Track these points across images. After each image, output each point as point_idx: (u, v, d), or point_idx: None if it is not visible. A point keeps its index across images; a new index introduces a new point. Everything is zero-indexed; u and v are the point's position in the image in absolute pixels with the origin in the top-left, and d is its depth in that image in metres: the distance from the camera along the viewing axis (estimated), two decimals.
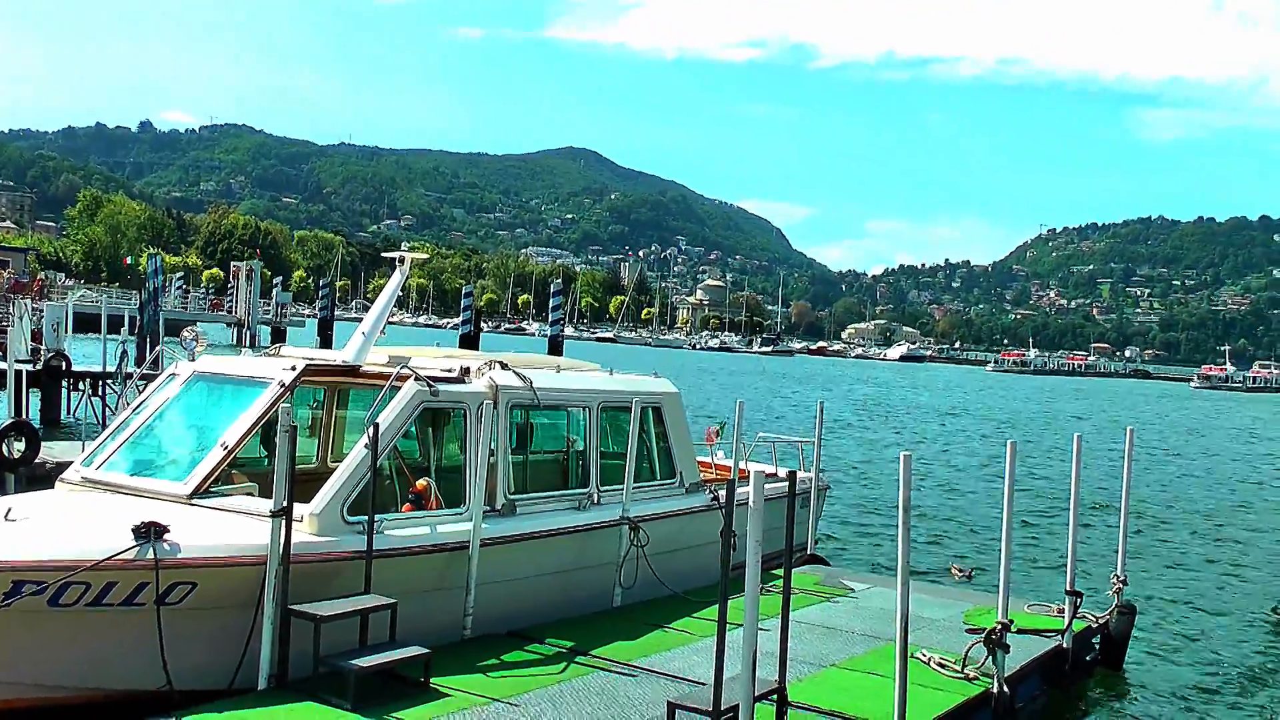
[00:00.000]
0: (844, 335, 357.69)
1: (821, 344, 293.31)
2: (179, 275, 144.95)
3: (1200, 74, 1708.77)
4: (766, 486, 14.09)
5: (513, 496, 13.60)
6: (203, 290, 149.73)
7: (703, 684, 9.42)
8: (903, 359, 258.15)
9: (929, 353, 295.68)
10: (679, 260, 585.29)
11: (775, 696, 9.28)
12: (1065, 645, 15.39)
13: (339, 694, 10.27)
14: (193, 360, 13.95)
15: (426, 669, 11.04)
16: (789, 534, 9.13)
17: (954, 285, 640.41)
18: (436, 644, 11.66)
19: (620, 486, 14.87)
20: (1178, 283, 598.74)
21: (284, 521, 10.47)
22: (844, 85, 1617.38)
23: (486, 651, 12.28)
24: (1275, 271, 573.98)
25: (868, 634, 14.64)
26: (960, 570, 18.23)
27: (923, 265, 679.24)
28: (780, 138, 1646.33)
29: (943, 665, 13.34)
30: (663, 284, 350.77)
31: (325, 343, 67.18)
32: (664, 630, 13.98)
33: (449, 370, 13.40)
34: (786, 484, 10.49)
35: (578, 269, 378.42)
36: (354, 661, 10.44)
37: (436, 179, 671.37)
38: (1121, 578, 17.37)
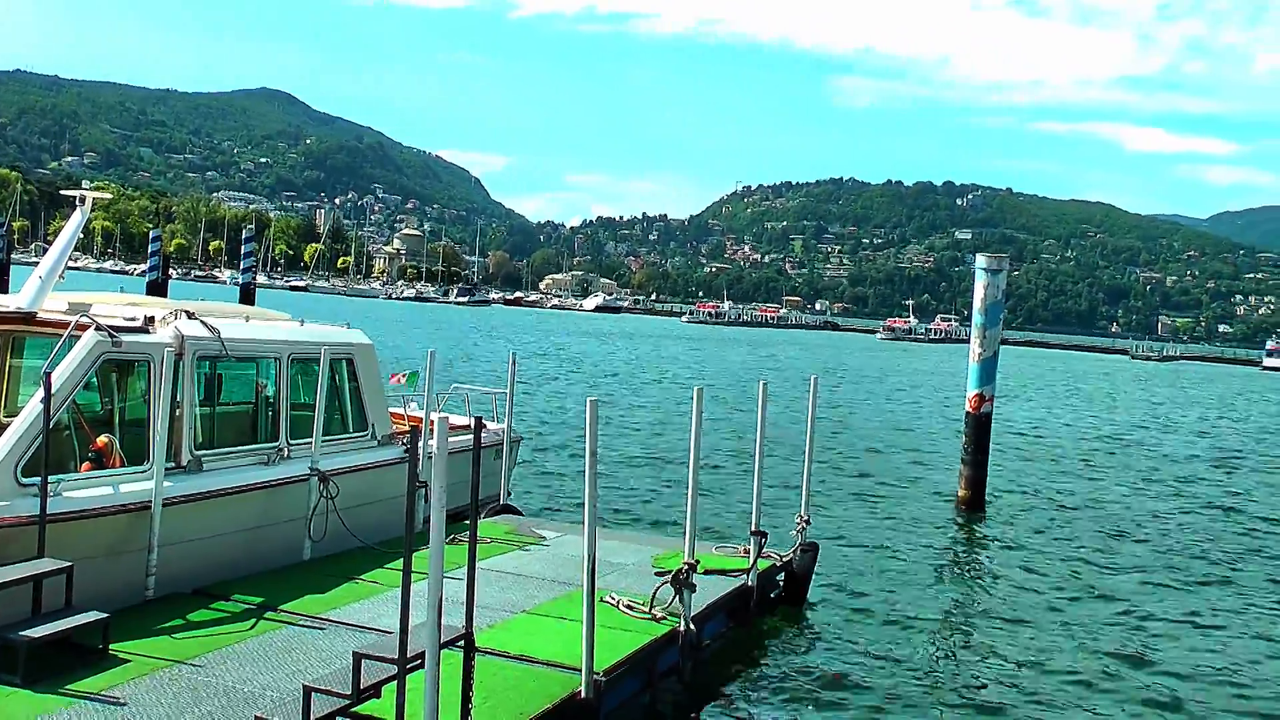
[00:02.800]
0: (542, 286, 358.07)
1: (519, 294, 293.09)
2: None
3: (893, 47, 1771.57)
4: (457, 438, 14.18)
5: (199, 452, 13.26)
6: None
7: (390, 633, 9.40)
8: (599, 309, 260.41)
9: (625, 304, 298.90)
10: (376, 209, 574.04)
11: (462, 642, 9.31)
12: (750, 584, 15.91)
13: (8, 669, 9.75)
14: None
15: (105, 635, 10.65)
16: (474, 482, 9.15)
17: (651, 239, 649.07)
18: (118, 608, 11.33)
19: (310, 439, 14.68)
20: (867, 241, 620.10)
21: None
22: (544, 36, 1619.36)
23: (170, 612, 11.97)
24: (957, 233, 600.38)
25: (558, 580, 14.84)
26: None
27: (621, 218, 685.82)
28: (479, 87, 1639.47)
29: (631, 607, 13.63)
30: (359, 232, 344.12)
31: (0, 288, 63.98)
32: (354, 582, 13.91)
33: (132, 319, 12.89)
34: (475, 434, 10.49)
35: (272, 215, 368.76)
36: (24, 633, 9.94)
37: (123, 115, 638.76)
38: (805, 518, 18.03)
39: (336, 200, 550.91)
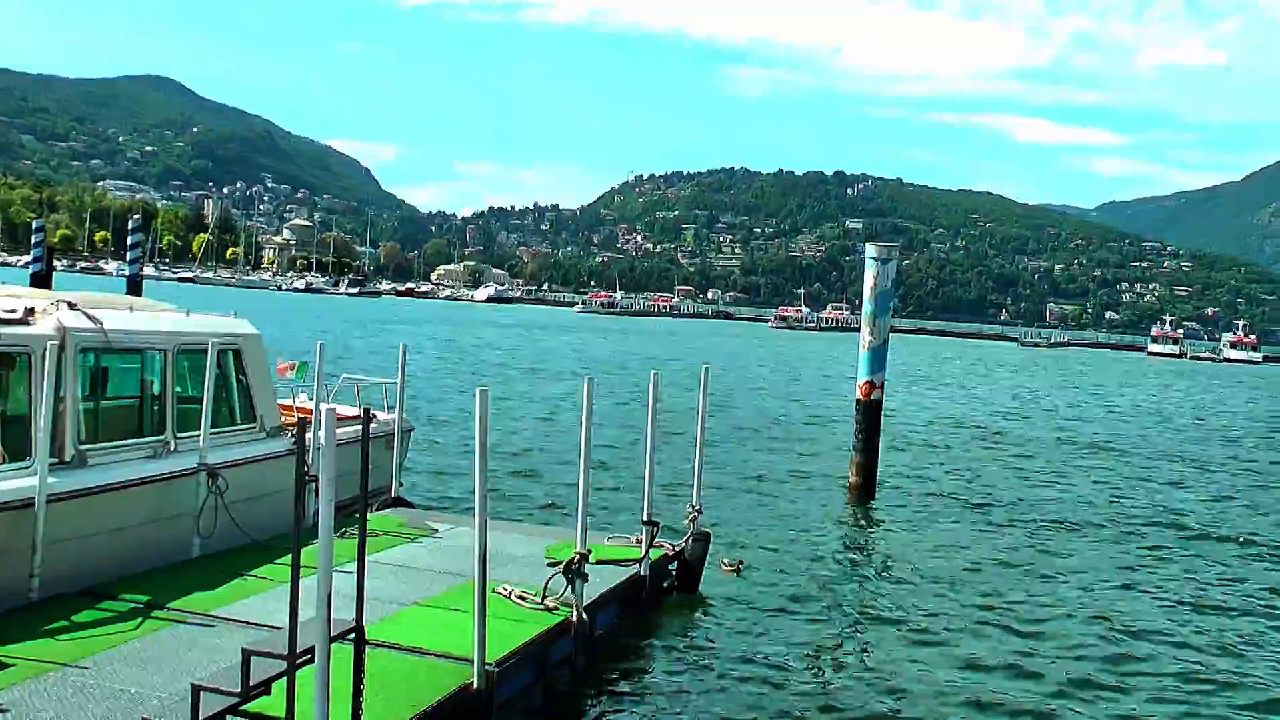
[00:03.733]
0: (433, 277, 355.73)
1: (410, 285, 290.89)
2: None
3: (786, 37, 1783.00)
4: (346, 429, 14.06)
5: (83, 447, 13.00)
6: None
7: (280, 629, 9.31)
8: (490, 300, 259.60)
9: (517, 294, 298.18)
10: (265, 199, 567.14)
11: (353, 636, 9.26)
12: (643, 573, 16.00)
13: None
14: None
15: None
16: (364, 474, 9.09)
17: (543, 229, 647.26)
18: (1, 611, 11.15)
19: (198, 433, 14.49)
20: (758, 230, 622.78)
21: None
22: (435, 25, 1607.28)
23: (55, 614, 11.75)
24: (848, 222, 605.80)
25: (450, 572, 14.79)
26: (729, 564, 18.43)
27: (513, 208, 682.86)
28: (370, 76, 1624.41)
29: (523, 598, 13.64)
30: (248, 223, 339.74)
31: None
32: (244, 578, 13.76)
33: (11, 311, 12.65)
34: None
35: (159, 205, 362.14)
36: None
37: (3, 101, 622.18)
38: (697, 507, 18.14)
39: (225, 190, 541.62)
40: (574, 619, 13.27)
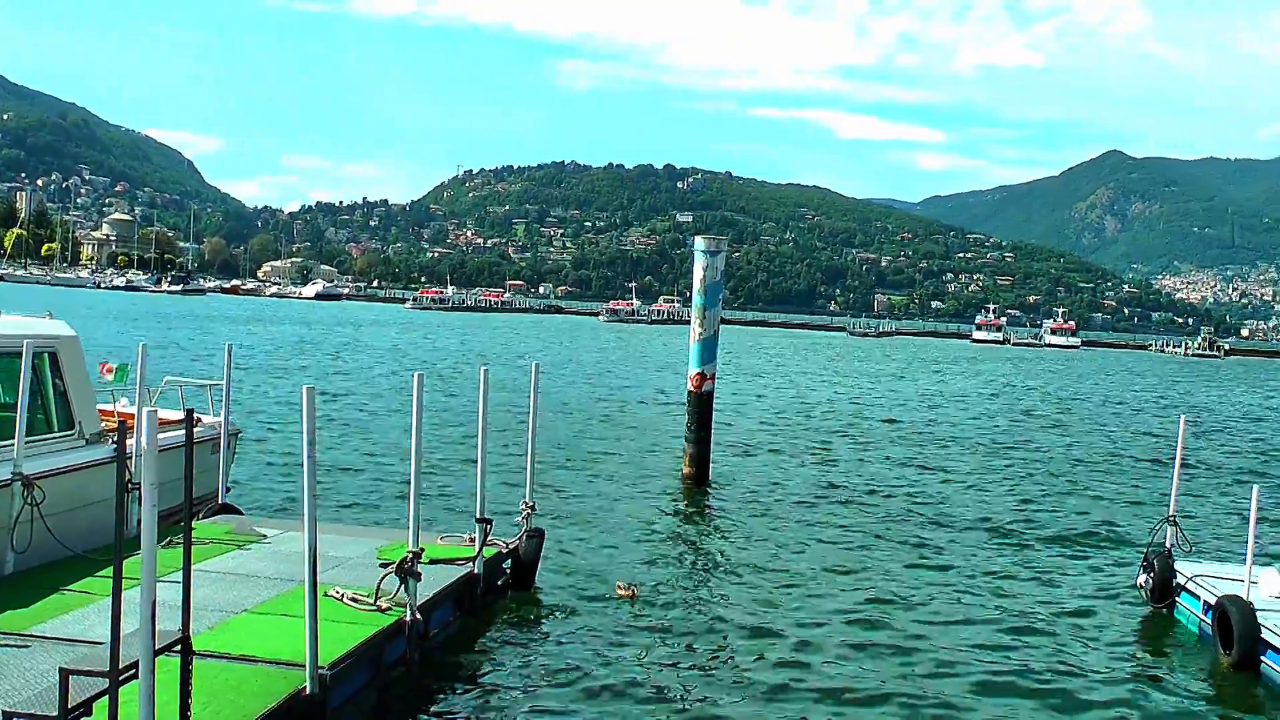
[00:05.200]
0: (260, 273, 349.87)
1: (236, 282, 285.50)
2: None
3: (613, 31, 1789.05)
4: (169, 434, 13.74)
5: None
6: None
7: (100, 643, 9.03)
8: (319, 297, 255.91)
9: (346, 290, 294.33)
10: (82, 191, 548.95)
11: (179, 647, 9.01)
12: (476, 571, 15.92)
13: None
14: None
15: None
16: (188, 479, 8.85)
17: (372, 224, 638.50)
18: None
19: (11, 441, 13.97)
20: (589, 224, 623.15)
21: None
22: (259, 13, 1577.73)
23: None
24: (678, 215, 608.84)
25: (280, 577, 14.55)
26: (624, 588, 17.92)
27: (341, 203, 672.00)
28: (190, 63, 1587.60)
29: (356, 600, 13.48)
30: (65, 217, 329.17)
31: None
32: (62, 593, 13.28)
33: None
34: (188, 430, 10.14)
35: None
36: None
37: None
38: (530, 503, 18.12)
39: (39, 182, 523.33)
40: (407, 619, 13.15)
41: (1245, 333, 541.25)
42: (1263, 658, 15.61)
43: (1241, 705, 14.98)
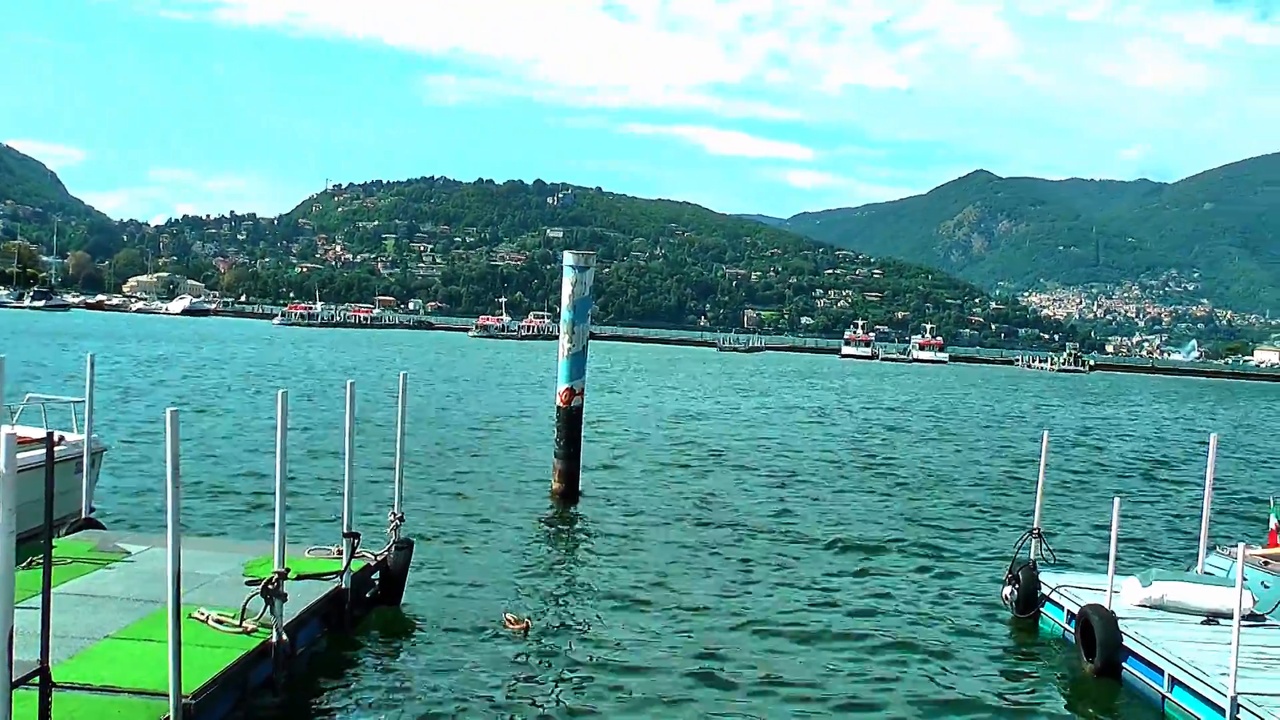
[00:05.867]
0: (125, 288, 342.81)
1: (101, 297, 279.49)
2: None
3: (483, 46, 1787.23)
4: (29, 453, 13.43)
5: None
6: None
7: None
8: (186, 312, 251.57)
9: (214, 306, 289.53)
10: None
11: (38, 680, 8.75)
12: (344, 586, 15.81)
13: None
14: None
15: None
16: (48, 500, 8.65)
17: (240, 238, 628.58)
18: None
19: None
20: (459, 239, 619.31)
21: None
22: (123, 21, 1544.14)
23: None
24: (548, 231, 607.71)
25: (143, 599, 14.29)
26: (514, 620, 17.32)
27: (208, 216, 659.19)
28: (52, 72, 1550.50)
29: (221, 621, 13.29)
30: None
31: None
32: None
33: None
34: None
35: None
36: None
37: None
38: (399, 515, 18.03)
39: None
40: (274, 640, 12.98)
41: (1110, 348, 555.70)
42: (1124, 665, 16.07)
43: (1104, 711, 15.41)
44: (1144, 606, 17.49)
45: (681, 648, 16.67)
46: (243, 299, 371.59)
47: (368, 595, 17.14)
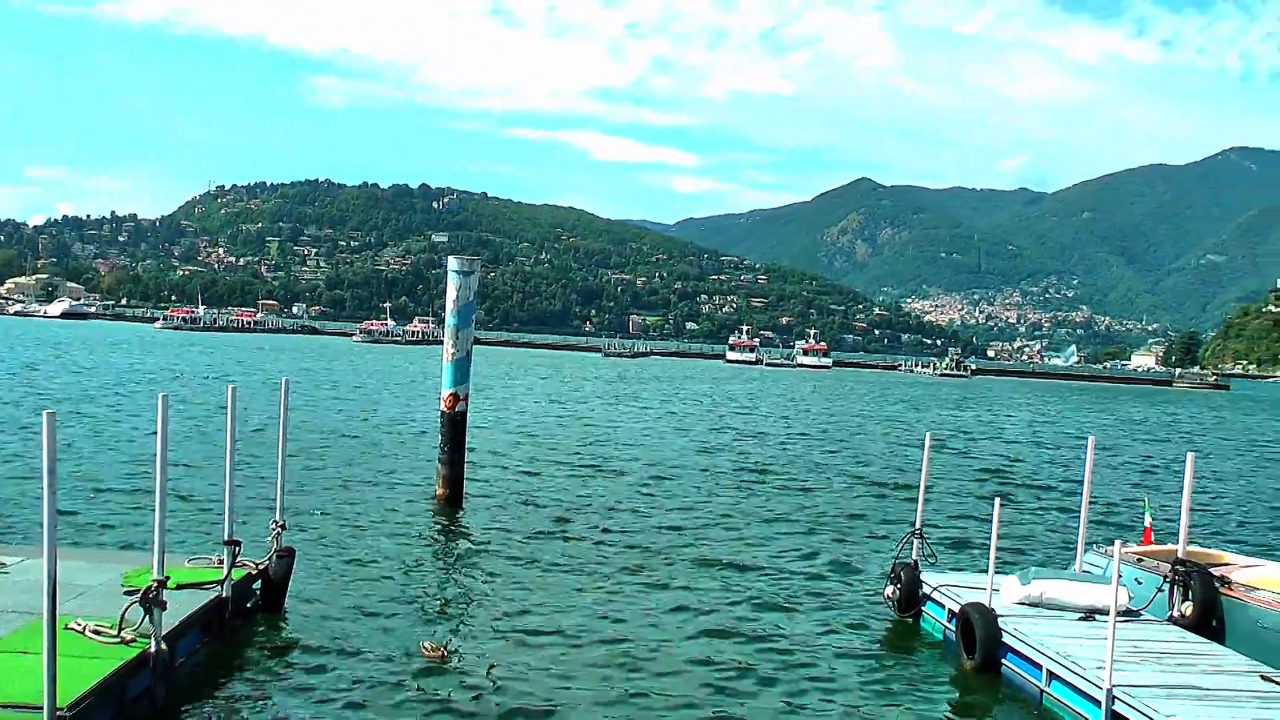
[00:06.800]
0: (2, 290, 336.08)
1: None
2: None
3: (368, 49, 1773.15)
4: None
5: None
6: None
7: None
8: (65, 316, 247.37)
9: (93, 309, 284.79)
10: None
11: None
12: (225, 595, 15.63)
13: None
14: None
15: None
16: None
17: (121, 239, 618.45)
18: None
19: None
20: (344, 243, 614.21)
21: None
22: (2, 14, 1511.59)
23: None
24: (433, 235, 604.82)
25: (18, 610, 14.00)
26: (432, 648, 16.62)
27: (88, 217, 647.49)
28: None
29: (98, 632, 13.08)
30: None
31: None
32: None
33: None
34: None
35: None
36: None
37: None
38: (280, 523, 17.85)
39: None
40: (152, 650, 12.78)
41: (991, 353, 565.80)
42: (1003, 661, 16.40)
43: (983, 706, 15.73)
44: (1023, 604, 17.85)
45: (560, 660, 16.68)
46: (123, 302, 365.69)
47: (249, 604, 16.94)
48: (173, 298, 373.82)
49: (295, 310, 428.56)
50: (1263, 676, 14.81)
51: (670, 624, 18.84)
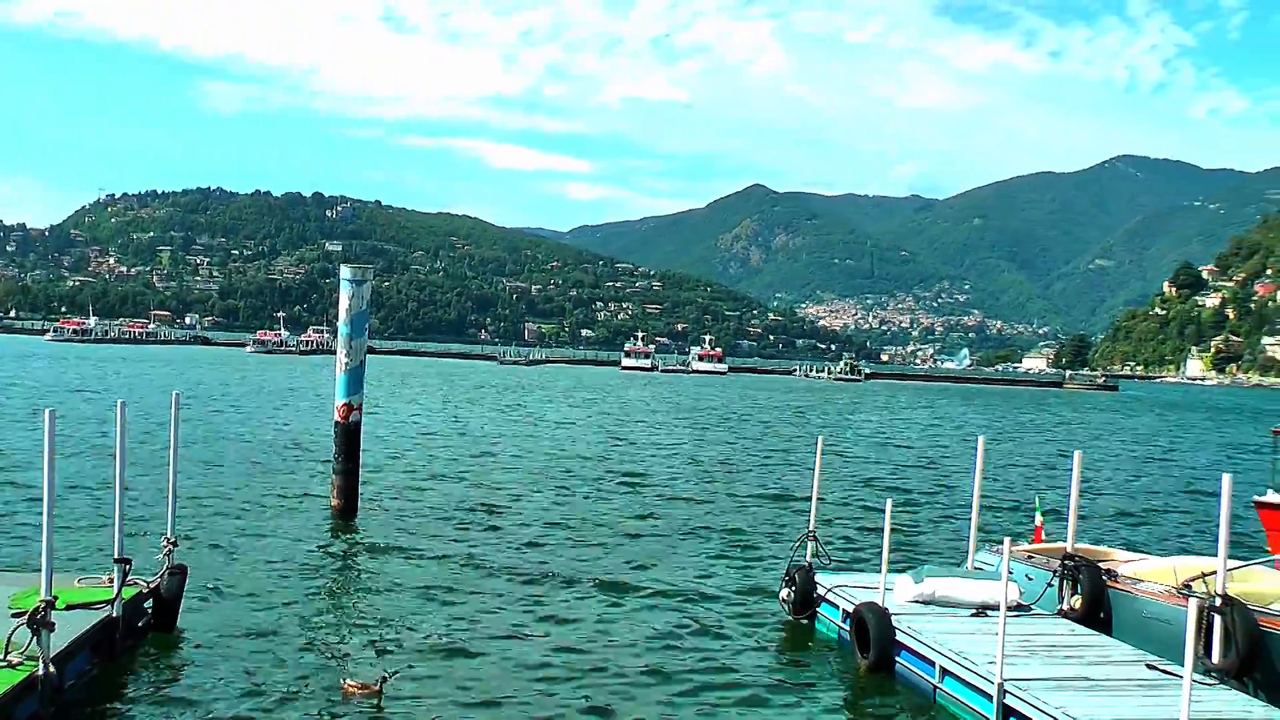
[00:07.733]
0: None
1: None
2: None
3: (261, 54, 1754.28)
4: None
5: None
6: None
7: None
8: None
9: None
10: None
11: None
12: (116, 614, 15.36)
13: None
14: None
15: None
16: None
17: (9, 249, 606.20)
18: None
19: None
20: (237, 252, 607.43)
21: None
22: None
23: None
24: (327, 244, 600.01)
25: None
26: (358, 686, 15.48)
27: None
28: None
29: None
30: None
31: None
32: None
33: None
34: None
35: None
36: None
37: None
38: (172, 539, 17.60)
39: None
40: (40, 672, 12.54)
41: (885, 357, 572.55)
42: (897, 659, 16.65)
43: (877, 704, 15.92)
44: (916, 602, 18.15)
45: (470, 648, 16.65)
46: (12, 314, 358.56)
47: (140, 624, 16.66)
48: (63, 309, 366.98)
49: (188, 320, 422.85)
50: (1149, 665, 15.21)
51: (553, 631, 18.85)
